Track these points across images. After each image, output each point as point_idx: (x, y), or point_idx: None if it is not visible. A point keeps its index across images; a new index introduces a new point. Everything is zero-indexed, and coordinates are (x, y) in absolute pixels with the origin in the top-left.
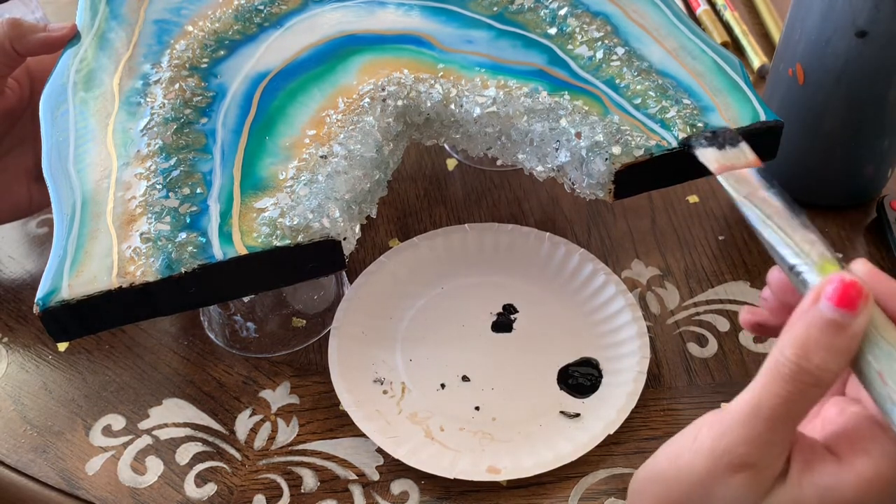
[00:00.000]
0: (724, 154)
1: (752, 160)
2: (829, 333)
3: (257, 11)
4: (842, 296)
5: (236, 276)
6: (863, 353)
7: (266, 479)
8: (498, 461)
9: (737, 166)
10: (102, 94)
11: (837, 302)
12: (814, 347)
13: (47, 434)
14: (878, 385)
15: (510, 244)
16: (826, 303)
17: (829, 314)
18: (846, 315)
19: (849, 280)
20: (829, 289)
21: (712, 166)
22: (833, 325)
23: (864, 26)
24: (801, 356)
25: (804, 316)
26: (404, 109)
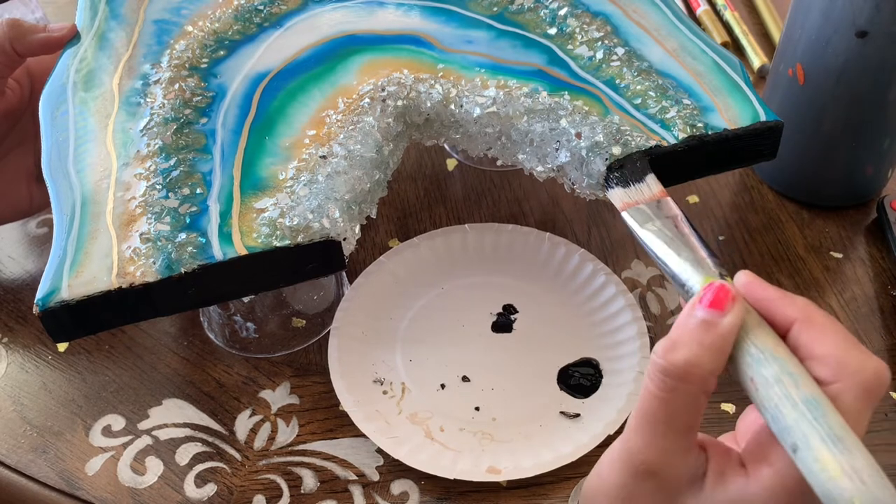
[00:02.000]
0: (629, 191)
1: (656, 192)
2: (697, 331)
3: (257, 11)
4: (713, 299)
5: (236, 277)
6: (737, 360)
7: (266, 480)
8: (498, 461)
9: (640, 201)
10: (102, 94)
11: (709, 304)
12: (681, 343)
13: (47, 434)
14: (752, 390)
15: (510, 244)
16: (697, 306)
17: (699, 315)
18: (714, 314)
19: (719, 284)
20: (703, 294)
21: (618, 205)
22: (702, 324)
23: (864, 26)
24: (668, 350)
25: (680, 320)
26: (404, 109)
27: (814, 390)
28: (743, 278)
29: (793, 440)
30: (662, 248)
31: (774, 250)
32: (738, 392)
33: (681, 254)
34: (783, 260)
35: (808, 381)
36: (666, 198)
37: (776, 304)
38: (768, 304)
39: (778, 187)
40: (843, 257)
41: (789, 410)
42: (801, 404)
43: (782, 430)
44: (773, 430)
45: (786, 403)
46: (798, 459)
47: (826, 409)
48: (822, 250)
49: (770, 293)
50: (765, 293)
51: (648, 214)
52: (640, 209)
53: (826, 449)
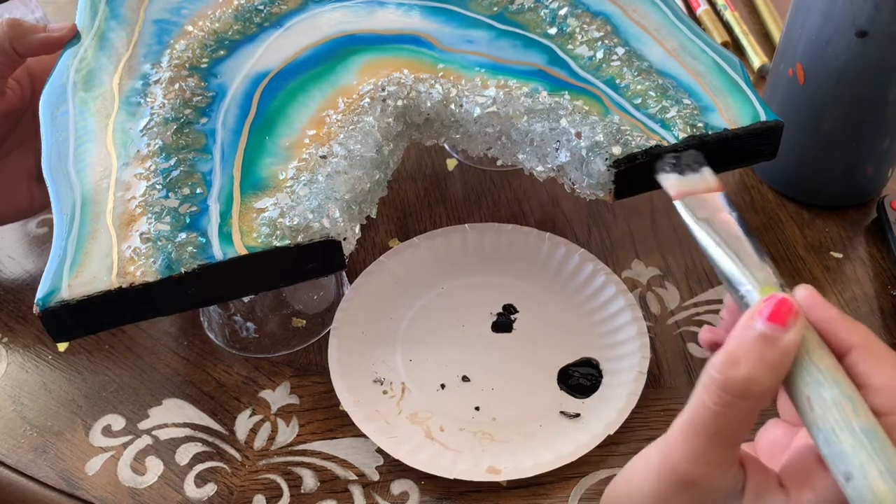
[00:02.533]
0: (684, 180)
1: (713, 185)
2: (757, 346)
3: (257, 11)
4: (774, 312)
5: (236, 277)
6: (794, 378)
7: (266, 480)
8: (498, 461)
9: (696, 192)
10: (102, 94)
11: (769, 317)
12: (742, 358)
13: (47, 434)
14: (807, 410)
15: (510, 244)
16: (758, 319)
17: (759, 328)
18: (776, 328)
19: (780, 297)
20: (763, 306)
21: (672, 192)
22: (762, 339)
23: (864, 26)
24: (728, 366)
25: (738, 331)
26: (404, 109)
27: (872, 420)
28: (804, 293)
29: (847, 468)
30: (718, 246)
31: (774, 250)
32: None
33: (738, 256)
34: (783, 260)
35: (866, 410)
36: (723, 192)
37: (836, 326)
38: (829, 325)
39: (778, 187)
40: (843, 257)
41: (846, 436)
42: (860, 432)
43: (836, 455)
44: (823, 453)
45: (843, 428)
46: (851, 487)
47: (884, 440)
48: (822, 250)
49: (832, 314)
50: (826, 313)
51: (706, 207)
52: (697, 200)
53: (883, 482)
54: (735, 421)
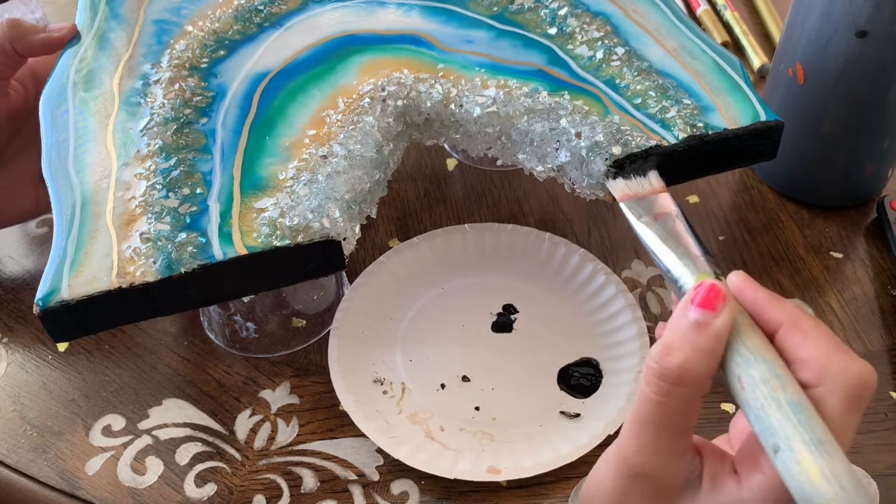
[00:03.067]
0: (629, 183)
1: (657, 187)
2: (690, 332)
3: (257, 11)
4: (704, 298)
5: (236, 277)
6: (726, 360)
7: (266, 480)
8: (498, 461)
9: (640, 195)
10: (102, 94)
11: (699, 304)
12: (676, 346)
13: (47, 434)
14: (738, 390)
15: (510, 244)
16: (690, 306)
17: (691, 315)
18: (706, 314)
19: (709, 284)
20: (694, 294)
21: (617, 195)
22: (695, 325)
23: (864, 26)
24: (663, 355)
25: (672, 321)
26: (404, 109)
27: (799, 393)
28: (735, 279)
29: (774, 441)
30: (657, 242)
31: (774, 250)
32: None
33: (675, 250)
34: (783, 260)
35: (793, 383)
36: (665, 193)
37: (765, 307)
38: (758, 306)
39: (778, 187)
40: (843, 257)
41: (774, 411)
42: (786, 406)
43: (765, 430)
44: (755, 429)
45: (771, 404)
46: (778, 460)
47: (810, 412)
48: (822, 250)
49: (760, 295)
50: (755, 295)
51: (645, 208)
52: (638, 202)
53: (808, 451)
54: (677, 409)
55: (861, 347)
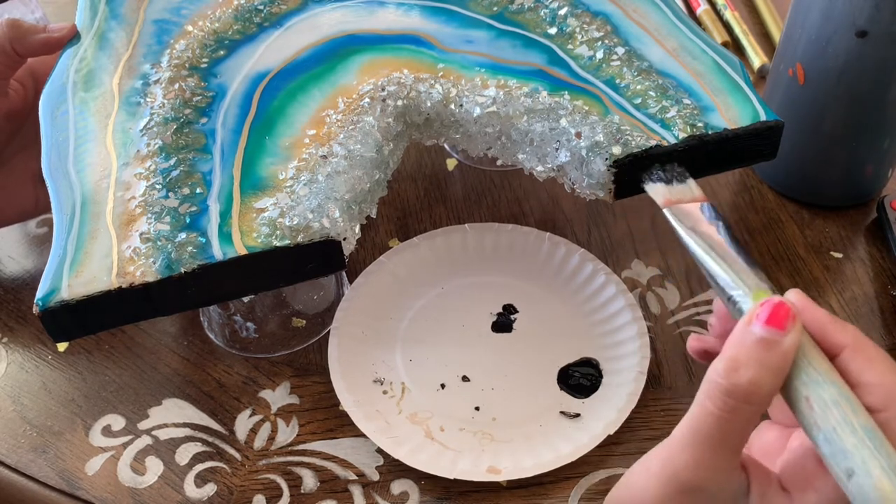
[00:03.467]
0: (671, 189)
1: (697, 196)
2: (758, 350)
3: (257, 11)
4: (771, 316)
5: (236, 277)
6: (791, 379)
7: (266, 480)
8: (498, 461)
9: (682, 201)
10: (102, 94)
11: (767, 321)
12: (744, 363)
13: (47, 434)
14: (806, 410)
15: (510, 244)
16: (756, 323)
17: (758, 332)
18: (775, 332)
19: (777, 301)
20: (760, 310)
21: (659, 200)
22: (763, 343)
23: (864, 26)
24: (731, 371)
25: (736, 336)
26: (404, 109)
27: (869, 419)
28: (795, 298)
29: (849, 465)
30: (708, 253)
31: (774, 250)
32: None
33: (727, 262)
34: (783, 260)
35: (862, 408)
36: (706, 202)
37: (828, 328)
38: (820, 327)
39: (778, 187)
40: (843, 257)
41: (848, 436)
42: (861, 430)
43: (837, 454)
44: (823, 452)
45: (845, 428)
46: (853, 484)
47: (882, 438)
48: (822, 250)
49: (820, 315)
50: (816, 315)
51: (690, 216)
52: (684, 209)
53: (887, 479)
54: (739, 426)
55: None
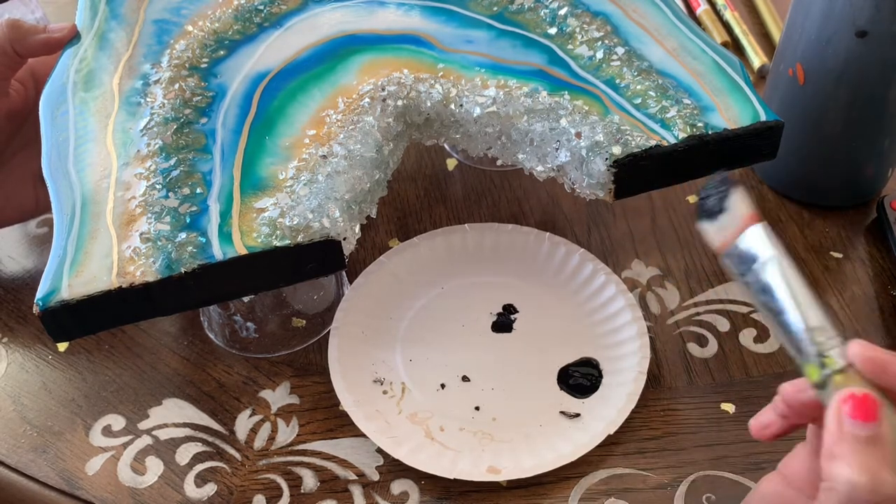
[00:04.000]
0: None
1: (745, 217)
2: (874, 449)
3: (257, 11)
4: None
5: (236, 276)
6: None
7: (266, 480)
8: (498, 461)
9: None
10: (102, 94)
11: (861, 417)
12: (876, 470)
13: (47, 434)
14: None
15: (510, 244)
16: (852, 422)
17: (861, 432)
18: (872, 427)
19: (860, 396)
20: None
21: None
22: (874, 441)
23: (864, 26)
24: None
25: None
26: (404, 109)
27: None
28: (863, 351)
29: None
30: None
31: None
32: (738, 392)
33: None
34: None
35: None
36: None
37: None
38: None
39: (778, 187)
40: (843, 257)
41: None
42: None
43: None
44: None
45: None
46: None
47: None
48: (822, 250)
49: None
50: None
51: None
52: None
53: None
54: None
55: None
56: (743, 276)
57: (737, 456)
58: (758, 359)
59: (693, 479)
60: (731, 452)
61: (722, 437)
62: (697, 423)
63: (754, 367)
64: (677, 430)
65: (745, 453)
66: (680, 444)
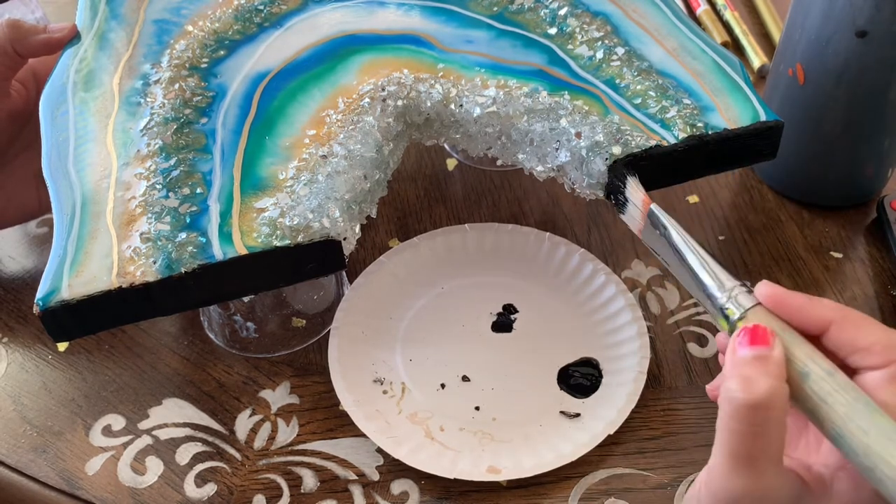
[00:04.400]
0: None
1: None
2: (759, 364)
3: (257, 11)
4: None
5: (236, 276)
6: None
7: (266, 479)
8: (498, 461)
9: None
10: (102, 94)
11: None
12: (754, 377)
13: (47, 434)
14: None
15: (510, 244)
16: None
17: (749, 353)
18: (762, 349)
19: (751, 328)
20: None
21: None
22: (759, 358)
23: (864, 26)
24: (746, 385)
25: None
26: (404, 109)
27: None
28: (767, 290)
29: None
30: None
31: (774, 250)
32: None
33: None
34: (783, 260)
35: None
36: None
37: (807, 310)
38: (799, 310)
39: (778, 187)
40: (843, 257)
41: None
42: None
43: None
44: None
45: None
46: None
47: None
48: (822, 250)
49: (798, 300)
50: (793, 300)
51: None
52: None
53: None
54: (775, 434)
55: None
56: (658, 253)
57: None
58: None
59: (693, 479)
60: None
61: None
62: (697, 423)
63: None
64: (677, 430)
65: None
66: (680, 444)
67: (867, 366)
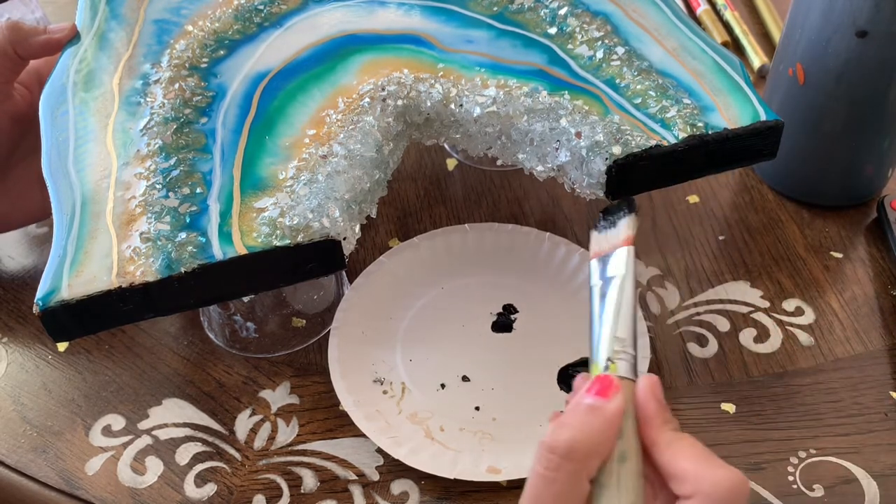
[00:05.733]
0: (601, 238)
1: (622, 240)
2: (584, 414)
3: (257, 11)
4: (598, 388)
5: (236, 276)
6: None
7: (266, 480)
8: (498, 461)
9: (605, 252)
10: (102, 94)
11: (593, 392)
12: (567, 425)
13: (47, 434)
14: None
15: (510, 244)
16: (584, 394)
17: (587, 401)
18: (599, 400)
19: (603, 377)
20: (592, 383)
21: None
22: (589, 408)
23: (864, 26)
24: (556, 431)
25: (571, 404)
26: (404, 109)
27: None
28: (645, 381)
29: None
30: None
31: (774, 250)
32: (738, 392)
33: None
34: (783, 260)
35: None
36: (625, 248)
37: (645, 426)
38: (643, 422)
39: (778, 187)
40: (843, 257)
41: None
42: None
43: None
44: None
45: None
46: None
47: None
48: (822, 250)
49: (651, 408)
50: (648, 407)
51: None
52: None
53: None
54: (566, 485)
55: (861, 347)
56: (595, 285)
57: (737, 456)
58: (758, 359)
59: None
60: (731, 452)
61: (722, 437)
62: (697, 423)
63: (754, 367)
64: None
65: (745, 453)
66: None
67: (679, 493)
